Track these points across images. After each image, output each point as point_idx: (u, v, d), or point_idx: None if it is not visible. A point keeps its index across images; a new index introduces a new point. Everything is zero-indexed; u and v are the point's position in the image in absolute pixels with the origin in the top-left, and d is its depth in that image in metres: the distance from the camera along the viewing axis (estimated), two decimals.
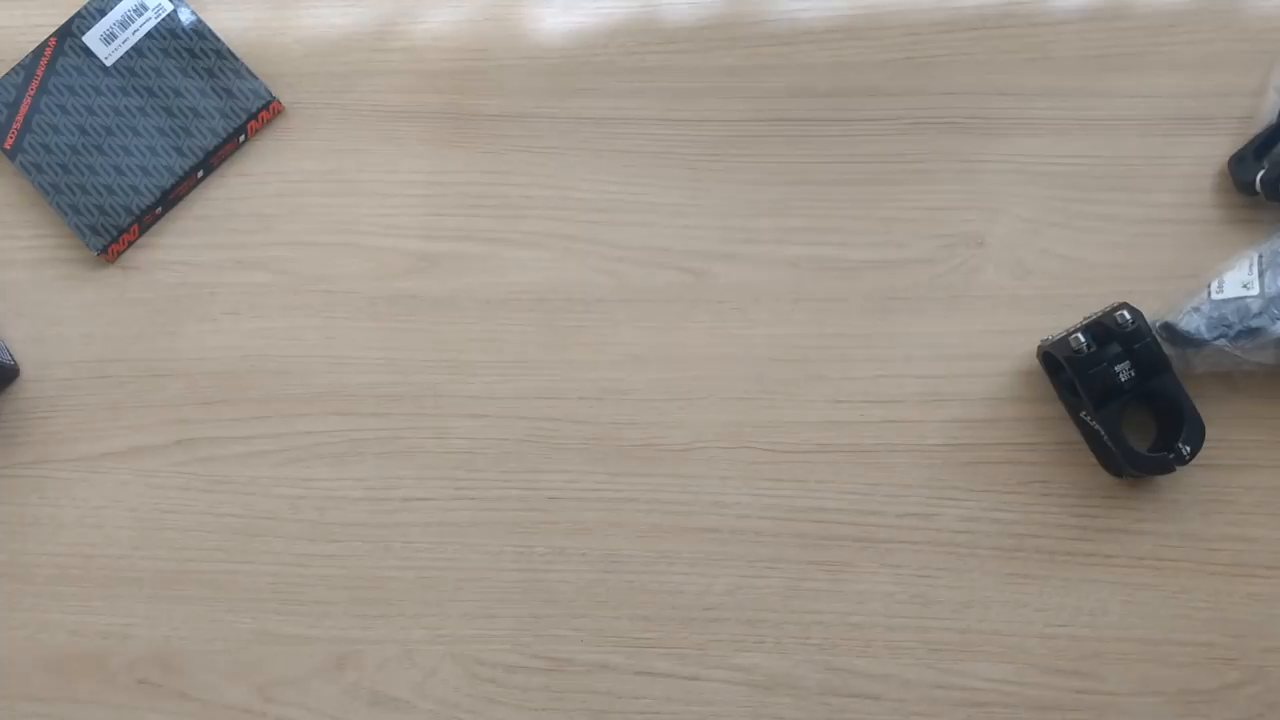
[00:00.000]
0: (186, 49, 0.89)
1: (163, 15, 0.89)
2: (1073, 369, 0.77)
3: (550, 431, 0.84)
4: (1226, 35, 0.86)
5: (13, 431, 0.87)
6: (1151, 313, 0.80)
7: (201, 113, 0.88)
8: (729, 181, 0.87)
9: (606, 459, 0.84)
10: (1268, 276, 0.78)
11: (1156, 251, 0.84)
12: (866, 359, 0.84)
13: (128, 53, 0.89)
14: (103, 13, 0.89)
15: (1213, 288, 0.80)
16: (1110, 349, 0.77)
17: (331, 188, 0.88)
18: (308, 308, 0.87)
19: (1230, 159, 0.84)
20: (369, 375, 0.86)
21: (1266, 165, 0.81)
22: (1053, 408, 0.83)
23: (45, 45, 0.89)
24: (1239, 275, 0.79)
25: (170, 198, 0.88)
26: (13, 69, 0.88)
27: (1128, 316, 0.77)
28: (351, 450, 0.85)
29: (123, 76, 0.89)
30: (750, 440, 0.84)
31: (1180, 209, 0.84)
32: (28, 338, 0.88)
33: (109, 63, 0.89)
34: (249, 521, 0.85)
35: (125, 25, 0.89)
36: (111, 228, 0.87)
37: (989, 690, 0.80)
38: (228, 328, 0.87)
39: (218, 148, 0.88)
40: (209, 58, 0.89)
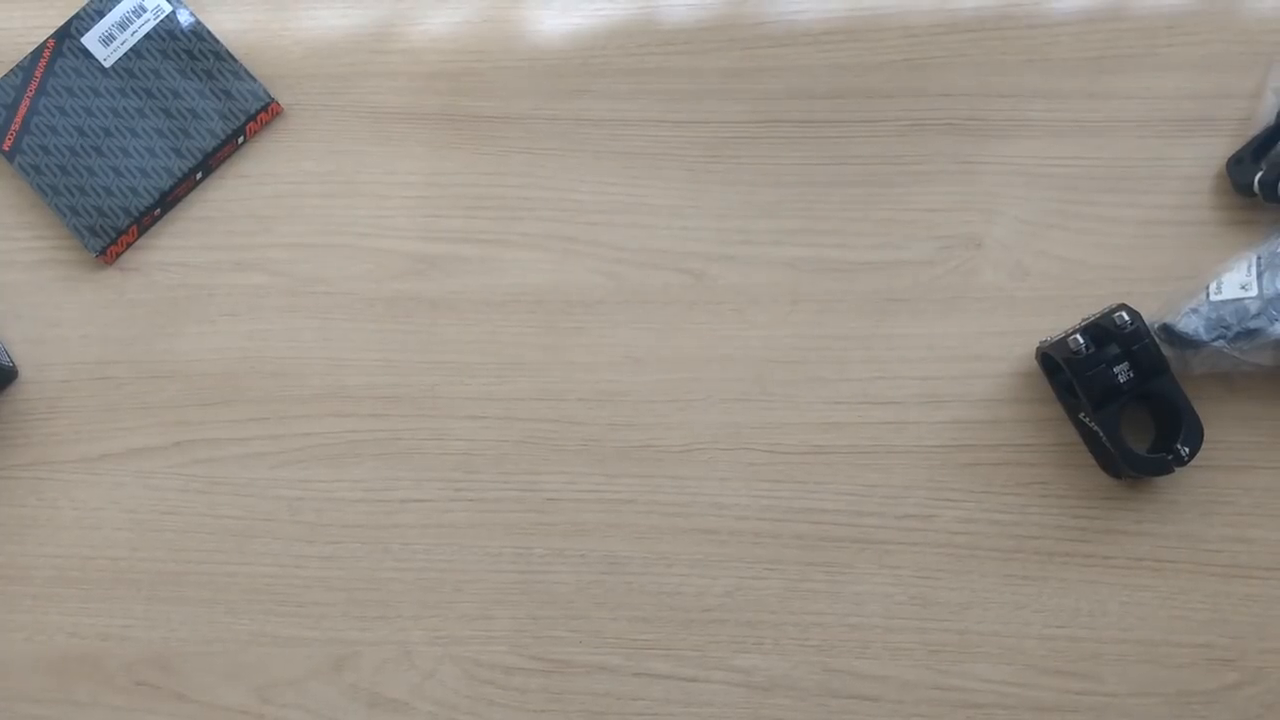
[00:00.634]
0: (185, 51, 0.89)
1: (161, 17, 0.89)
2: (1071, 370, 0.77)
3: (549, 433, 0.84)
4: (1224, 37, 0.86)
5: (11, 433, 0.87)
6: (1150, 314, 0.80)
7: (200, 114, 0.88)
8: (727, 183, 0.87)
9: (605, 460, 0.84)
10: (1266, 278, 0.78)
11: (1155, 253, 0.84)
12: (864, 360, 0.84)
13: (126, 54, 0.89)
14: (101, 14, 0.89)
15: (1211, 289, 0.80)
16: (1109, 350, 0.77)
17: (330, 189, 0.88)
18: (306, 309, 0.87)
19: (1228, 160, 0.84)
20: (367, 377, 0.86)
21: (1264, 167, 0.81)
22: (1051, 409, 0.83)
23: (44, 47, 0.89)
24: (1237, 277, 0.79)
25: (169, 199, 0.88)
26: (11, 70, 0.88)
27: (1126, 318, 0.77)
28: (349, 451, 0.85)
29: (121, 78, 0.89)
30: (749, 442, 0.84)
31: (1178, 210, 0.84)
32: (26, 339, 0.88)
33: (107, 64, 0.89)
34: (247, 523, 0.85)
35: (124, 27, 0.89)
36: (110, 229, 0.87)
37: (988, 691, 0.80)
38: (226, 329, 0.87)
39: (216, 149, 0.88)
40: (208, 59, 0.89)
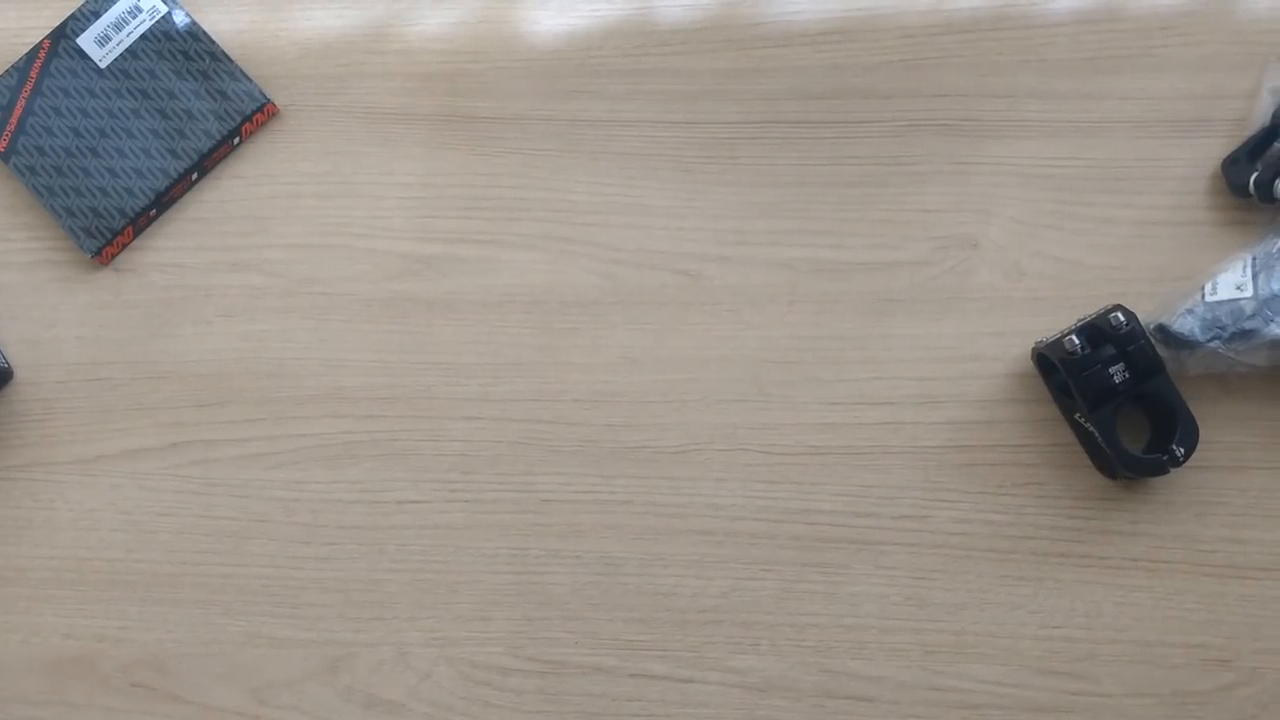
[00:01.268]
0: (181, 51, 0.89)
1: (157, 18, 0.89)
2: (1067, 371, 0.77)
3: (545, 434, 0.84)
4: (1220, 38, 0.86)
5: (6, 434, 0.87)
6: (1145, 315, 0.80)
7: (196, 115, 0.88)
8: (724, 183, 0.87)
9: (601, 461, 0.84)
10: (1261, 278, 0.78)
11: (1150, 253, 0.84)
12: (860, 361, 0.84)
13: (122, 55, 0.89)
14: (97, 15, 0.89)
15: (1206, 290, 0.80)
16: (1104, 351, 0.77)
17: (326, 190, 0.88)
18: (302, 310, 0.87)
19: (1224, 161, 0.84)
20: (363, 378, 0.86)
21: (1260, 167, 0.81)
22: (1047, 409, 0.83)
23: (39, 47, 0.88)
24: (1232, 277, 0.79)
25: (164, 200, 0.88)
26: (6, 71, 0.88)
27: (1122, 318, 0.77)
28: (346, 453, 0.85)
29: (117, 79, 0.88)
30: (745, 442, 0.84)
31: (1174, 211, 0.84)
32: (21, 340, 0.88)
33: (103, 65, 0.88)
34: (243, 524, 0.85)
35: (119, 27, 0.89)
36: (105, 230, 0.87)
37: (983, 692, 0.80)
38: (222, 330, 0.87)
39: (212, 150, 0.88)
40: (203, 60, 0.89)
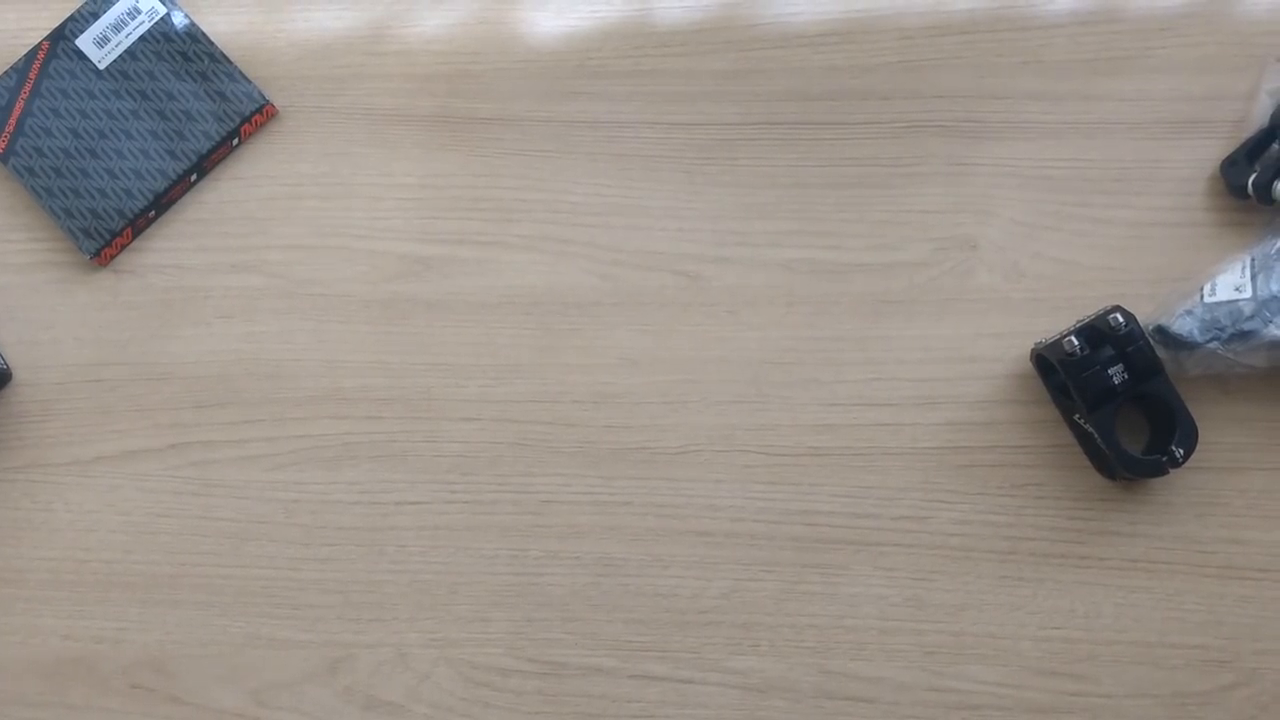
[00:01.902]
0: (180, 52, 0.89)
1: (156, 19, 0.89)
2: (1066, 372, 0.77)
3: (544, 435, 0.84)
4: (1218, 39, 0.86)
5: (5, 435, 0.86)
6: (1144, 316, 0.80)
7: (195, 116, 0.88)
8: (723, 185, 0.87)
9: (600, 462, 0.84)
10: (1260, 280, 0.78)
11: (1149, 254, 0.84)
12: (859, 362, 0.84)
13: (121, 56, 0.88)
14: (96, 16, 0.89)
15: (1205, 291, 0.80)
16: (1103, 352, 0.77)
17: (325, 191, 0.88)
18: (301, 311, 0.87)
19: (1222, 162, 0.84)
20: (362, 379, 0.86)
21: (1258, 168, 0.82)
22: (1046, 411, 0.83)
23: (38, 49, 0.88)
24: (1231, 278, 0.80)
25: (163, 201, 0.88)
26: (5, 72, 0.88)
27: (1120, 319, 0.77)
28: (345, 454, 0.85)
29: (116, 80, 0.88)
30: (744, 443, 0.84)
31: (1173, 212, 0.84)
32: (20, 341, 0.88)
33: (102, 66, 0.88)
34: (242, 525, 0.85)
35: (118, 29, 0.89)
36: (104, 231, 0.87)
37: (983, 693, 0.80)
38: (220, 331, 0.87)
39: (211, 151, 0.88)
40: (202, 61, 0.89)
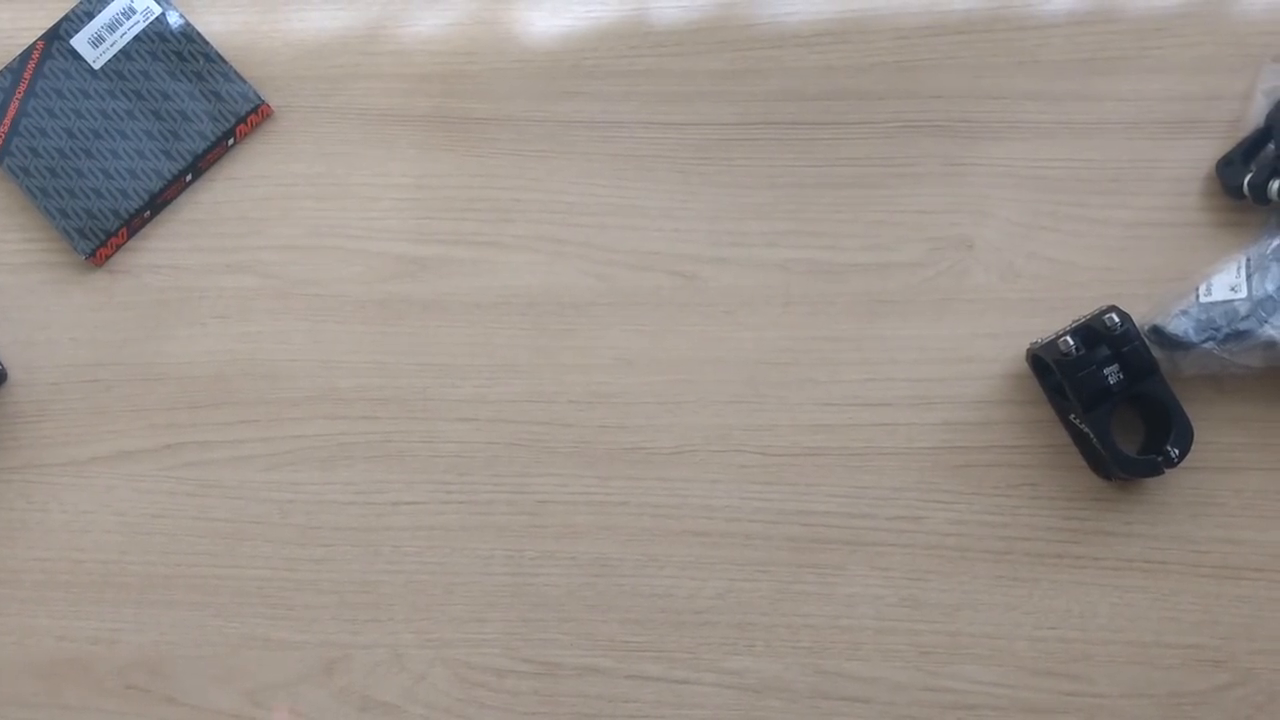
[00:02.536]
0: (175, 52, 0.89)
1: (151, 19, 0.89)
2: (1061, 372, 0.78)
3: (539, 435, 0.84)
4: (1214, 39, 0.86)
5: (0, 436, 0.86)
6: (1140, 316, 0.80)
7: (190, 116, 0.88)
8: (718, 185, 0.87)
9: (596, 463, 0.84)
10: (1255, 280, 0.78)
11: (1145, 255, 0.84)
12: (855, 362, 0.84)
13: (115, 56, 0.88)
14: (91, 16, 0.88)
15: (1201, 291, 0.80)
16: (1099, 352, 0.77)
17: (320, 191, 0.88)
18: (296, 311, 0.87)
19: (1218, 162, 0.84)
20: (357, 379, 0.86)
21: (1254, 169, 0.82)
22: (1042, 410, 0.83)
23: (33, 48, 0.88)
24: (1227, 278, 0.80)
25: (158, 201, 0.88)
26: (0, 72, 0.88)
27: (1116, 319, 0.77)
28: (340, 454, 0.85)
29: (111, 80, 0.88)
30: (740, 443, 0.84)
31: (1168, 212, 0.84)
32: (15, 342, 0.87)
33: (97, 66, 0.88)
34: (237, 526, 0.84)
35: (113, 28, 0.88)
36: (99, 231, 0.87)
37: (978, 693, 0.80)
38: (216, 331, 0.87)
39: (206, 151, 0.88)
40: (197, 61, 0.89)
